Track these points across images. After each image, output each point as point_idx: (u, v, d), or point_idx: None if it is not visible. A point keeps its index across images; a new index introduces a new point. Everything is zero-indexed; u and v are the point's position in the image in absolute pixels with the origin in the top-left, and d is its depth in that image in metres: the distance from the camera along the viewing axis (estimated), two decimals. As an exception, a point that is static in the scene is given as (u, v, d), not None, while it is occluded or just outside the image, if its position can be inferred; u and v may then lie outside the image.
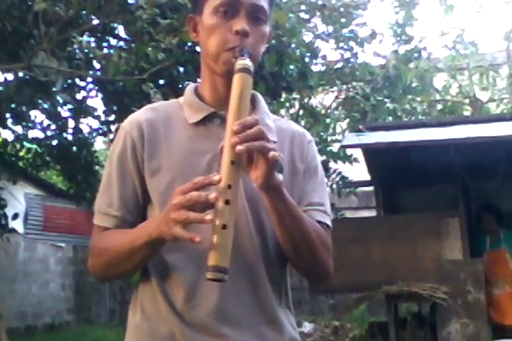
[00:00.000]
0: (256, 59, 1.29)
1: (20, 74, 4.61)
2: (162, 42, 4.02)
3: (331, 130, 7.01)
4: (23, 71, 4.18)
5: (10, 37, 4.49)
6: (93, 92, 5.79)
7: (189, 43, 4.45)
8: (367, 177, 6.79)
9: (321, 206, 1.36)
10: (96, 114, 5.92)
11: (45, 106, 5.79)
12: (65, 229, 9.67)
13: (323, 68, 6.12)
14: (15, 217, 7.32)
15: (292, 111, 6.95)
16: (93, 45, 5.03)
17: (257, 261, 1.27)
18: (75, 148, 6.71)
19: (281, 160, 1.24)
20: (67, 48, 4.62)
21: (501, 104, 10.91)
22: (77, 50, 4.65)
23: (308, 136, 1.43)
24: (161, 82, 4.93)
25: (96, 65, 4.77)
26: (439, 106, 10.10)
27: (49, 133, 6.44)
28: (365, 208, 9.47)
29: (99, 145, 10.33)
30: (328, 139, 6.77)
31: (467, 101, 10.48)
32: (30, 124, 6.27)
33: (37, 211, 9.35)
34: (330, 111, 7.11)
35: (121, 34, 5.29)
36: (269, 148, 1.11)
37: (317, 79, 5.64)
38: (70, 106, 5.94)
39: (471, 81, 10.54)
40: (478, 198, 6.14)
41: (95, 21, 4.44)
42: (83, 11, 4.13)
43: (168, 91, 4.40)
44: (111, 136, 6.30)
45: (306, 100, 6.50)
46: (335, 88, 6.91)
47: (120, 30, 5.27)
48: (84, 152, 6.72)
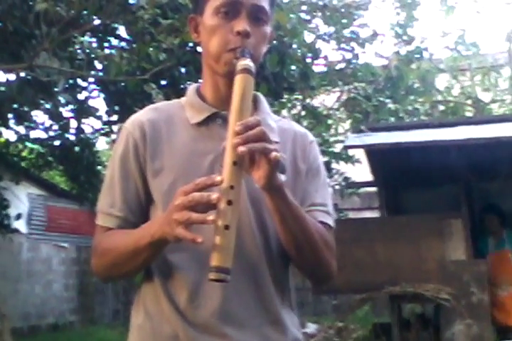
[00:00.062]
0: (257, 59, 1.29)
1: (22, 75, 4.61)
2: (163, 42, 4.02)
3: (333, 131, 7.01)
4: (24, 71, 4.19)
5: (11, 37, 4.49)
6: (95, 93, 5.81)
7: (190, 44, 4.45)
8: (370, 178, 6.79)
9: (324, 206, 1.36)
10: (98, 114, 5.92)
11: (47, 107, 5.79)
12: (68, 229, 9.68)
13: (325, 69, 6.12)
14: (18, 217, 7.34)
15: (294, 111, 6.94)
16: (95, 45, 5.05)
17: (260, 262, 1.27)
18: (77, 149, 6.72)
19: (283, 161, 1.24)
20: (69, 48, 4.62)
21: (503, 105, 10.90)
22: (78, 51, 4.66)
23: (311, 137, 1.43)
24: (163, 82, 4.94)
25: (98, 65, 4.78)
26: (441, 107, 10.08)
27: (51, 134, 6.44)
28: (368, 209, 9.47)
29: (102, 145, 10.36)
30: (330, 140, 6.76)
31: (469, 102, 10.47)
32: (33, 124, 6.27)
33: (40, 211, 9.36)
34: (332, 111, 7.11)
35: (123, 34, 5.30)
36: (271, 148, 1.10)
37: (319, 80, 5.64)
38: (72, 107, 5.95)
39: (473, 82, 10.54)
40: (481, 199, 6.13)
41: (97, 21, 4.45)
42: (84, 11, 4.14)
43: (170, 92, 4.40)
44: (113, 136, 6.30)
45: (308, 101, 6.51)
46: (337, 89, 6.90)
47: (121, 31, 5.28)
48: (86, 152, 6.73)
